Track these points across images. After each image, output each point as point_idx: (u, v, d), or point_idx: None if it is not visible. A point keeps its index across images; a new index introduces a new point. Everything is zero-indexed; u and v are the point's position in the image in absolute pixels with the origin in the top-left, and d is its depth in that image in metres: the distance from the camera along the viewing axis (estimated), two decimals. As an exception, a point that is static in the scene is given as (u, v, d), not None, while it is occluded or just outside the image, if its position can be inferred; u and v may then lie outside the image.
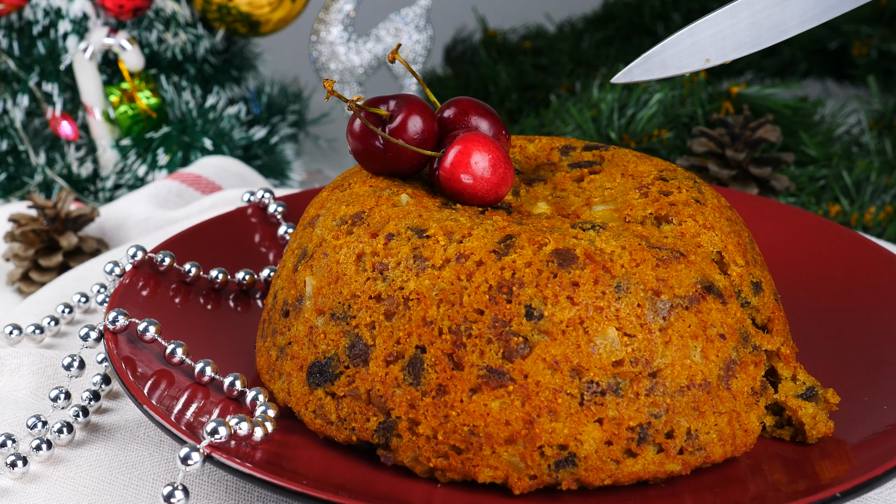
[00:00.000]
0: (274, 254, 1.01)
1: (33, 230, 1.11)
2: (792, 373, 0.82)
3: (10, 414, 0.88)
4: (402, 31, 1.39)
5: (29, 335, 0.97)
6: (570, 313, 0.75)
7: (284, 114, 1.42)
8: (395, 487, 0.76)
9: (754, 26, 0.89)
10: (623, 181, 0.87)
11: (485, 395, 0.75)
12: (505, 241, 0.78)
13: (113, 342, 0.84)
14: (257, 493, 0.80)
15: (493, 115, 0.86)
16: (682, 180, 0.86)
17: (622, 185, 0.87)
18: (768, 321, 0.83)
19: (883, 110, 1.43)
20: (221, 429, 0.75)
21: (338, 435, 0.79)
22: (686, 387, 0.77)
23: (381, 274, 0.78)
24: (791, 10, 0.89)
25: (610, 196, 0.85)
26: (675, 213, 0.82)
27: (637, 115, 1.29)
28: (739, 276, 0.81)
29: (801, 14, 0.89)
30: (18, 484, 0.81)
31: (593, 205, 0.85)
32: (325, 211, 0.85)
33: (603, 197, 0.85)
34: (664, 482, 0.78)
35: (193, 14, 1.33)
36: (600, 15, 1.73)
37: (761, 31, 0.89)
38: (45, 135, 1.32)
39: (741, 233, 0.85)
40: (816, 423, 0.81)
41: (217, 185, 1.24)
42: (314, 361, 0.80)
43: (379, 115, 0.83)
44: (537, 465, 0.75)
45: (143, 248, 0.93)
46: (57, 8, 1.28)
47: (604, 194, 0.86)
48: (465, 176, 0.82)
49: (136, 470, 0.82)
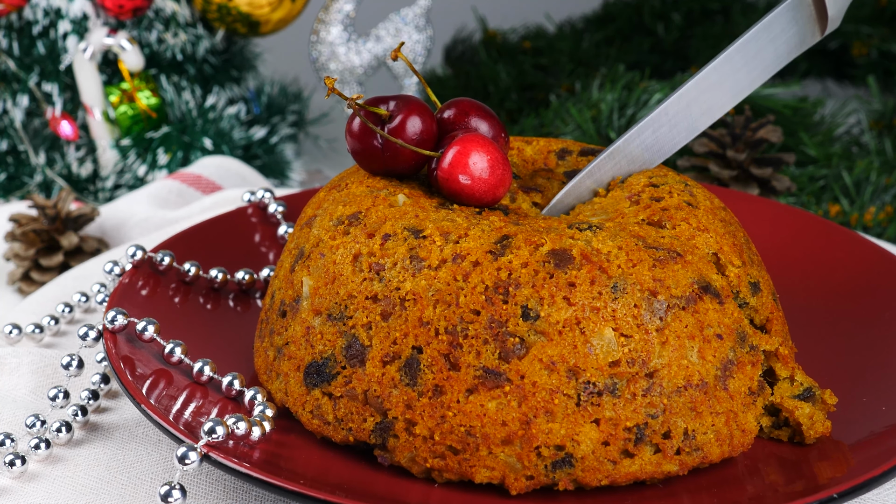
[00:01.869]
0: (274, 254, 1.01)
1: (34, 230, 1.11)
2: (790, 373, 0.82)
3: (9, 413, 0.88)
4: (402, 31, 1.39)
5: (29, 334, 0.97)
6: (566, 314, 0.75)
7: (284, 114, 1.42)
8: (392, 487, 0.76)
9: (682, 123, 0.90)
10: (613, 192, 0.87)
11: (481, 396, 0.75)
12: (501, 242, 0.78)
13: (112, 341, 0.84)
14: (255, 493, 0.80)
15: (492, 116, 0.86)
16: (674, 185, 0.86)
17: (612, 196, 0.86)
18: (767, 321, 0.83)
19: (883, 110, 1.43)
20: (219, 428, 0.75)
21: (335, 435, 0.79)
22: (683, 387, 0.77)
23: (378, 274, 0.78)
24: (720, 94, 0.90)
25: (601, 208, 0.85)
26: (668, 218, 0.82)
27: (637, 116, 1.29)
28: (737, 276, 0.81)
29: (732, 91, 0.90)
30: (17, 483, 0.81)
31: (585, 217, 0.84)
32: (322, 211, 0.85)
33: (593, 210, 0.85)
34: (661, 482, 0.78)
35: (193, 14, 1.33)
36: (600, 15, 1.73)
37: (694, 118, 0.90)
38: (45, 135, 1.32)
39: (736, 233, 0.85)
40: (814, 423, 0.81)
41: (217, 185, 1.24)
42: (311, 362, 0.80)
43: (378, 115, 0.83)
44: (534, 466, 0.75)
45: (143, 248, 0.93)
46: (57, 8, 1.28)
47: (594, 207, 0.86)
48: (463, 176, 0.82)
49: (135, 469, 0.82)
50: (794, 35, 0.92)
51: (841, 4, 0.91)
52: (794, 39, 0.92)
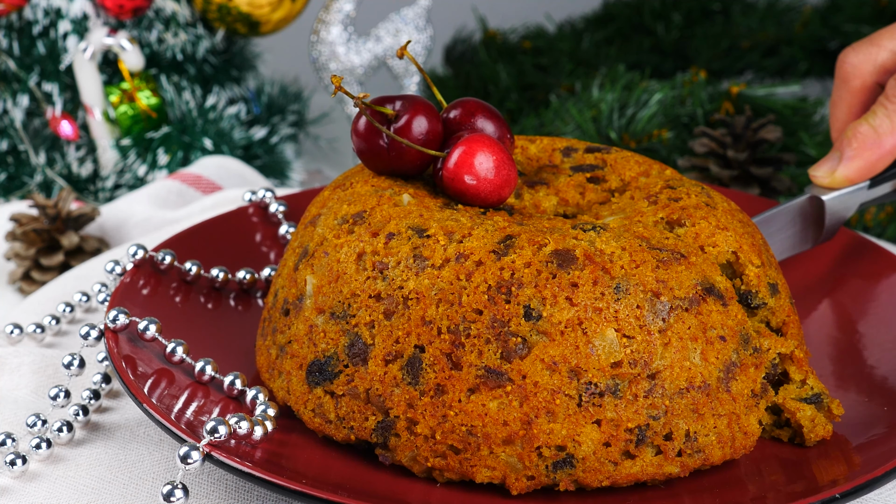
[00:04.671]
0: (275, 253, 1.01)
1: (34, 229, 1.11)
2: (803, 377, 0.82)
3: (10, 413, 0.88)
4: (402, 31, 1.39)
5: (30, 334, 0.97)
6: (568, 314, 0.75)
7: (284, 114, 1.42)
8: (393, 487, 0.76)
9: None
10: (629, 193, 0.87)
11: (483, 396, 0.75)
12: (505, 242, 0.78)
13: (113, 341, 0.84)
14: (256, 492, 0.80)
15: (498, 117, 0.86)
16: (690, 187, 0.86)
17: (629, 196, 0.86)
18: (783, 324, 0.82)
19: (883, 111, 1.43)
20: (221, 427, 0.75)
21: (336, 434, 0.79)
22: (685, 388, 0.77)
23: (381, 273, 0.79)
24: None
25: (619, 208, 0.85)
26: (688, 216, 0.82)
27: (637, 115, 1.29)
28: (756, 276, 0.81)
29: None
30: (18, 482, 0.81)
31: (603, 218, 0.84)
32: (326, 210, 0.85)
33: (611, 210, 0.85)
34: (662, 484, 0.78)
35: (193, 14, 1.33)
36: (600, 15, 1.73)
37: None
38: (45, 135, 1.32)
39: (755, 234, 0.85)
40: (815, 425, 0.81)
41: (218, 185, 1.24)
42: (314, 360, 0.80)
43: (384, 114, 0.83)
44: (535, 466, 0.75)
45: (144, 247, 0.93)
46: (57, 8, 1.28)
47: (611, 207, 0.86)
48: (468, 177, 0.82)
49: (136, 469, 0.82)
50: (787, 237, 0.94)
51: (836, 221, 0.93)
52: (787, 242, 0.95)
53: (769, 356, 0.80)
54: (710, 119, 1.29)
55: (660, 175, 0.89)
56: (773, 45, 1.62)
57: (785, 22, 1.65)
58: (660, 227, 0.81)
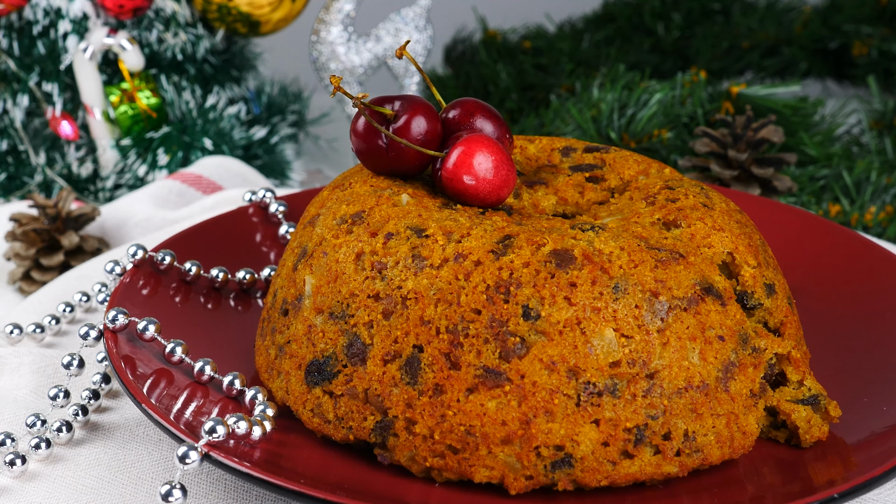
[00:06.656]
0: (275, 253, 1.01)
1: (34, 229, 1.11)
2: (800, 377, 0.82)
3: (9, 413, 0.88)
4: (402, 31, 1.39)
5: (30, 334, 0.97)
6: (567, 314, 0.75)
7: (284, 114, 1.42)
8: (391, 487, 0.76)
9: None
10: (628, 194, 0.87)
11: (481, 395, 0.75)
12: (503, 242, 0.78)
13: (112, 341, 0.84)
14: (255, 492, 0.80)
15: (497, 117, 0.86)
16: (689, 188, 0.86)
17: (628, 196, 0.86)
18: (781, 324, 0.82)
19: (883, 110, 1.43)
20: (220, 428, 0.75)
21: (335, 434, 0.79)
22: (684, 388, 0.77)
23: (380, 273, 0.79)
24: None
25: (616, 209, 0.85)
26: (684, 217, 0.82)
27: (637, 115, 1.29)
28: (752, 276, 0.81)
29: None
30: (17, 482, 0.81)
31: (601, 219, 0.84)
32: (325, 210, 0.85)
33: (609, 211, 0.85)
34: (661, 483, 0.78)
35: (193, 14, 1.33)
36: (600, 15, 1.73)
37: None
38: (45, 135, 1.32)
39: (752, 235, 0.85)
40: (811, 427, 0.81)
41: (218, 185, 1.24)
42: (312, 360, 0.80)
43: (383, 114, 0.83)
44: (533, 466, 0.75)
45: (144, 247, 0.93)
46: (57, 8, 1.28)
47: (609, 208, 0.86)
48: (467, 177, 0.82)
49: (135, 469, 0.82)
50: None
51: None
52: None
53: (766, 356, 0.80)
54: (711, 119, 1.29)
55: (659, 174, 0.89)
56: (773, 45, 1.62)
57: (785, 22, 1.65)
58: (657, 227, 0.81)
